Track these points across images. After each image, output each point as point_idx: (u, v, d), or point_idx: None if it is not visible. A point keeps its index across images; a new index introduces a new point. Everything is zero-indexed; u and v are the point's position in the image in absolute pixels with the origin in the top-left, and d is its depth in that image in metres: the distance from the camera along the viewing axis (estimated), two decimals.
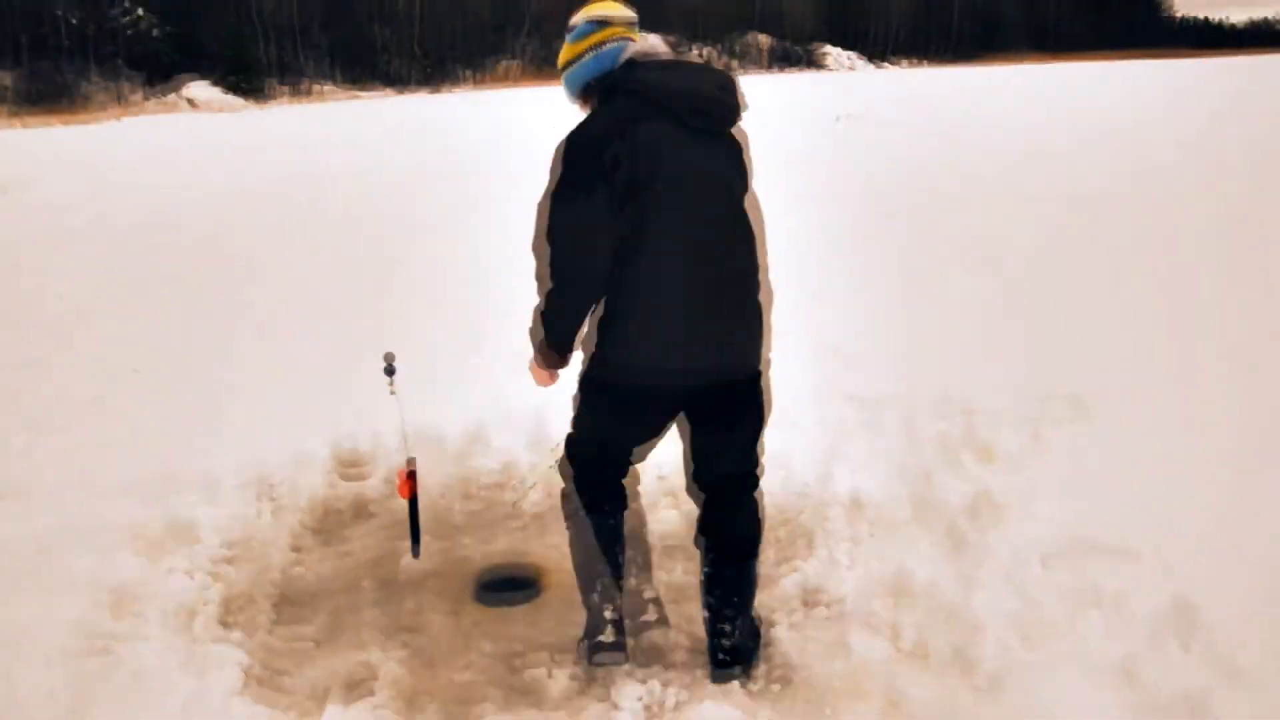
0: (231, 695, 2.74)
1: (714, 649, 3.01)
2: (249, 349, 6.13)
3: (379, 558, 3.82)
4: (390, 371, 3.63)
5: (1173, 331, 5.62)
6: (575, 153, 2.63)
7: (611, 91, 2.71)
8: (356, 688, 2.99)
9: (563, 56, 2.82)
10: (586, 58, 2.76)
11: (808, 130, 20.42)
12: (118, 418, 5.12)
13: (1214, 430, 4.31)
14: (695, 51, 60.67)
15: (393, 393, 3.65)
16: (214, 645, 3.06)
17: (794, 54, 62.76)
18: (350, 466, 4.47)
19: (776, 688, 2.94)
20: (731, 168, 2.77)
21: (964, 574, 3.35)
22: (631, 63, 2.72)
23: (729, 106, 2.73)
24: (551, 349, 2.87)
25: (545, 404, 4.82)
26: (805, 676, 2.96)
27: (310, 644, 3.25)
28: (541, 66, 52.87)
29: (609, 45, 2.74)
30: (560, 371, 3.02)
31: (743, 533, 3.05)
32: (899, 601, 3.27)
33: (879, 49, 67.81)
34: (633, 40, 2.77)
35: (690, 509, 3.95)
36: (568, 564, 3.66)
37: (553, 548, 3.86)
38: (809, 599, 3.37)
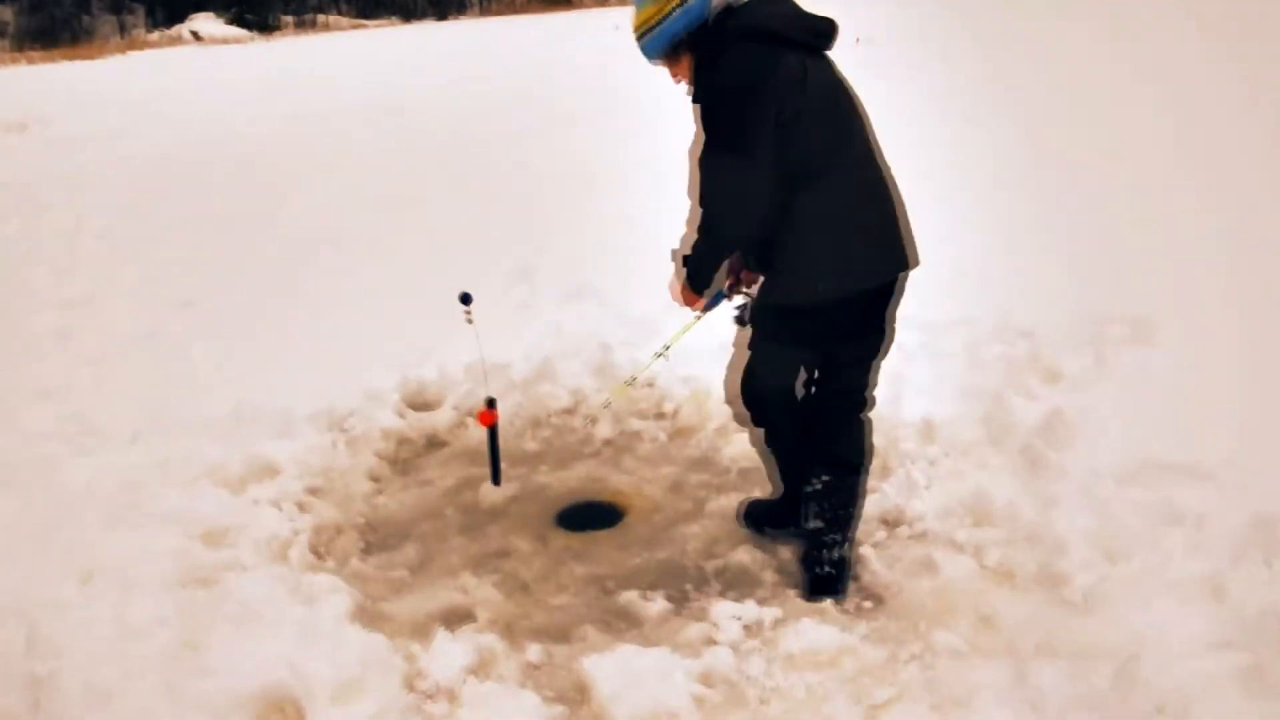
0: (342, 623, 2.81)
1: (812, 567, 3.08)
2: (297, 284, 6.17)
3: (458, 487, 3.89)
4: (466, 300, 3.65)
5: (1228, 249, 5.57)
6: (737, 103, 2.64)
7: (720, 37, 2.71)
8: (457, 615, 3.07)
9: (643, 16, 2.79)
10: (675, 13, 2.74)
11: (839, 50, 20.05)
12: (177, 353, 5.19)
13: (1275, 349, 4.31)
14: None
15: (470, 321, 3.68)
16: (314, 575, 3.14)
17: None
18: (418, 398, 4.52)
19: (869, 604, 3.01)
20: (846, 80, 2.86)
21: (1041, 493, 3.39)
22: (729, 7, 2.74)
23: (832, 24, 2.78)
24: (702, 285, 3.01)
25: (606, 333, 4.89)
26: (895, 594, 3.03)
27: (404, 572, 3.33)
28: None
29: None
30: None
31: (852, 453, 3.13)
32: (979, 521, 3.33)
33: None
34: None
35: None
36: (647, 489, 3.78)
37: (628, 474, 3.93)
38: (890, 519, 3.42)
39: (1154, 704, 2.46)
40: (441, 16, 45.44)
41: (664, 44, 2.80)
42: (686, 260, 2.95)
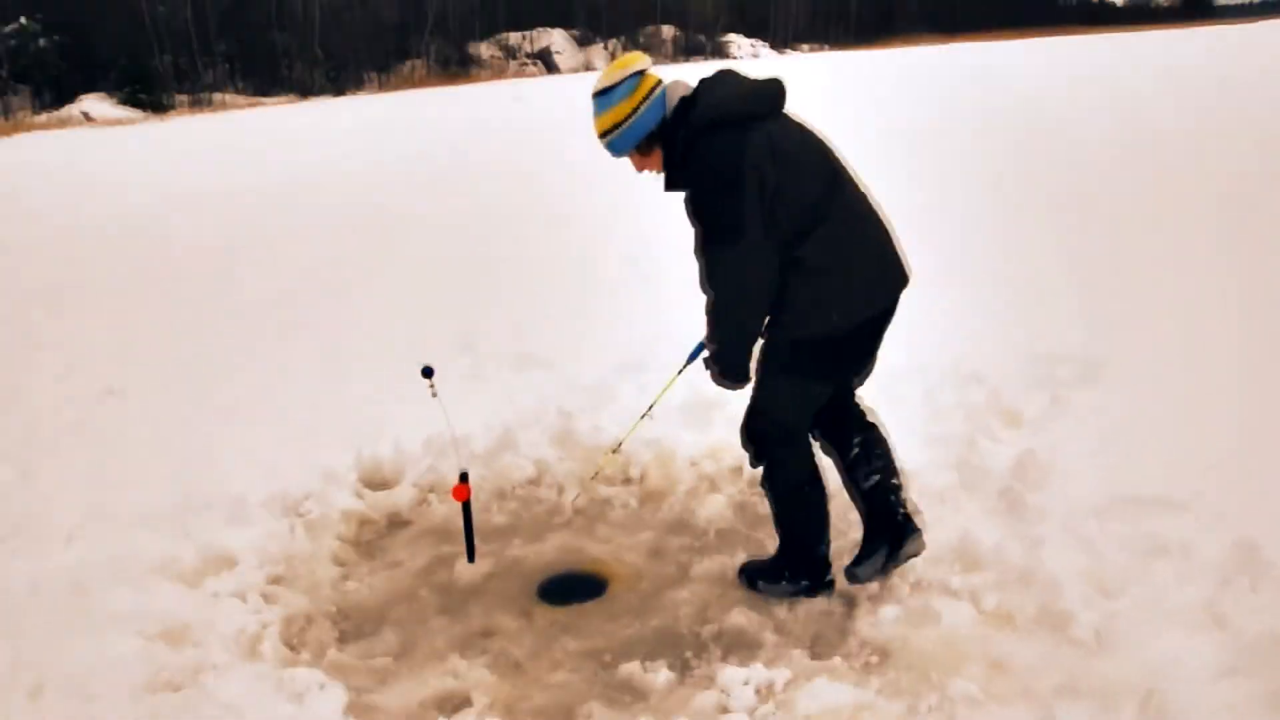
0: (338, 717, 2.63)
1: (892, 515, 3.14)
2: (231, 364, 5.92)
3: (429, 566, 3.73)
4: (429, 373, 3.55)
5: (1165, 292, 5.81)
6: (721, 196, 2.81)
7: (684, 130, 2.87)
8: (452, 701, 2.92)
9: (611, 118, 2.95)
10: (643, 109, 2.94)
11: None
12: (107, 443, 4.90)
13: (1219, 381, 4.48)
14: (602, 46, 60.58)
15: (434, 395, 3.57)
16: (293, 669, 2.94)
17: (698, 44, 63.10)
18: (374, 476, 4.35)
19: (875, 659, 2.96)
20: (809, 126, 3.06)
21: (1026, 535, 3.42)
22: (687, 99, 2.93)
23: (779, 86, 2.98)
24: (741, 375, 3.10)
25: (560, 400, 4.80)
26: (901, 646, 2.98)
27: (387, 660, 3.15)
28: (446, 65, 52.20)
29: (656, 92, 2.95)
30: None
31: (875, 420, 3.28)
32: (969, 567, 3.32)
33: (781, 36, 68.65)
34: (661, 80, 2.98)
35: (732, 493, 3.98)
36: (627, 557, 3.68)
37: (604, 542, 3.82)
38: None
39: None
40: (339, 92, 45.21)
41: (634, 140, 2.98)
42: (714, 355, 3.07)
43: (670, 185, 3.03)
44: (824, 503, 3.27)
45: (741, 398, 3.29)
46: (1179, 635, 2.82)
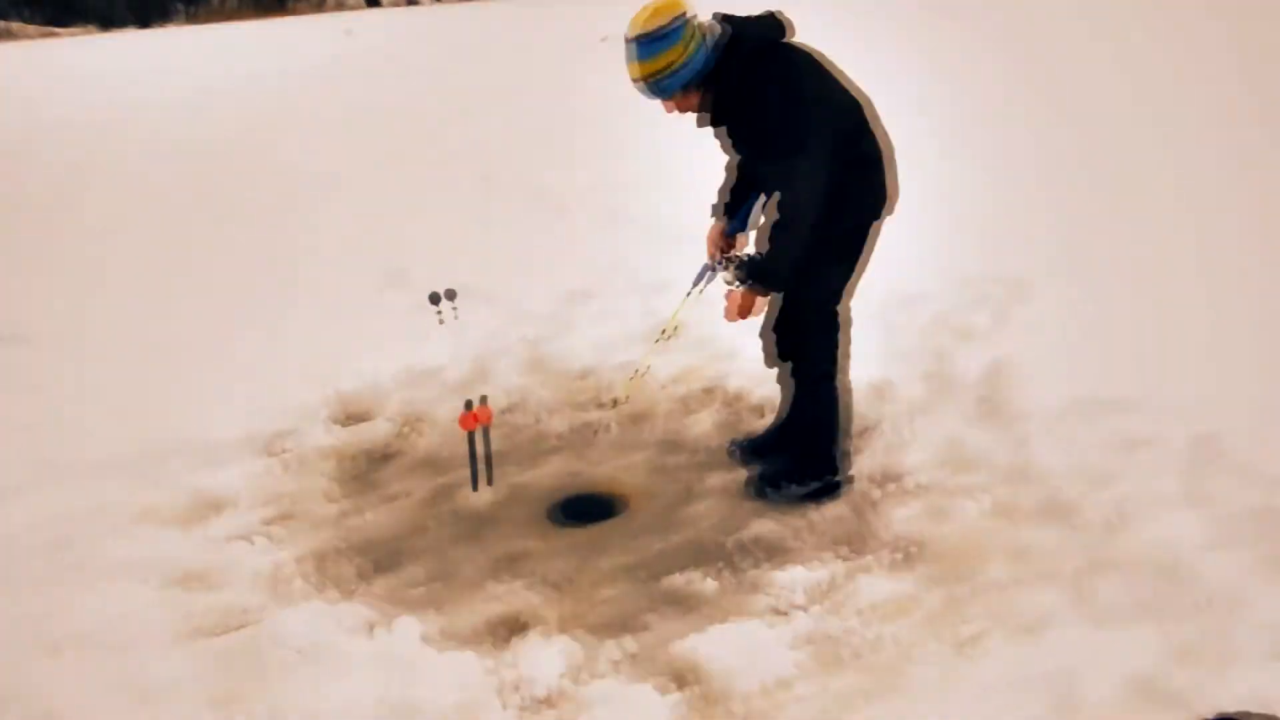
0: (422, 647, 2.59)
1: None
2: (169, 304, 5.55)
3: (429, 497, 3.67)
4: (436, 300, 3.46)
5: (1080, 211, 6.24)
6: (789, 112, 2.95)
7: (736, 65, 2.99)
8: (510, 623, 2.91)
9: (663, 60, 2.97)
10: (696, 51, 2.99)
11: (576, 50, 20.40)
12: (17, 392, 4.53)
13: (1139, 290, 4.89)
14: None
15: (441, 321, 3.49)
16: (349, 605, 2.86)
17: None
18: (343, 412, 4.21)
19: (901, 556, 3.13)
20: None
21: (1007, 436, 3.66)
22: (734, 36, 3.02)
23: (781, 15, 3.13)
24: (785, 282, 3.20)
25: (515, 330, 4.77)
26: (924, 543, 3.17)
27: (422, 590, 3.10)
28: None
29: (705, 35, 3.01)
30: None
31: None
32: (963, 468, 3.54)
33: None
34: (703, 22, 3.04)
35: (712, 414, 4.08)
36: (628, 477, 3.72)
37: (600, 465, 3.85)
38: (883, 476, 3.56)
39: (1203, 596, 2.72)
40: (144, 24, 41.99)
41: (684, 81, 3.02)
42: (754, 268, 3.14)
43: (718, 119, 3.13)
44: (838, 398, 3.45)
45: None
46: (1172, 516, 3.11)
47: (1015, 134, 9.05)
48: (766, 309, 3.41)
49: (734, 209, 3.44)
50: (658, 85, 3.02)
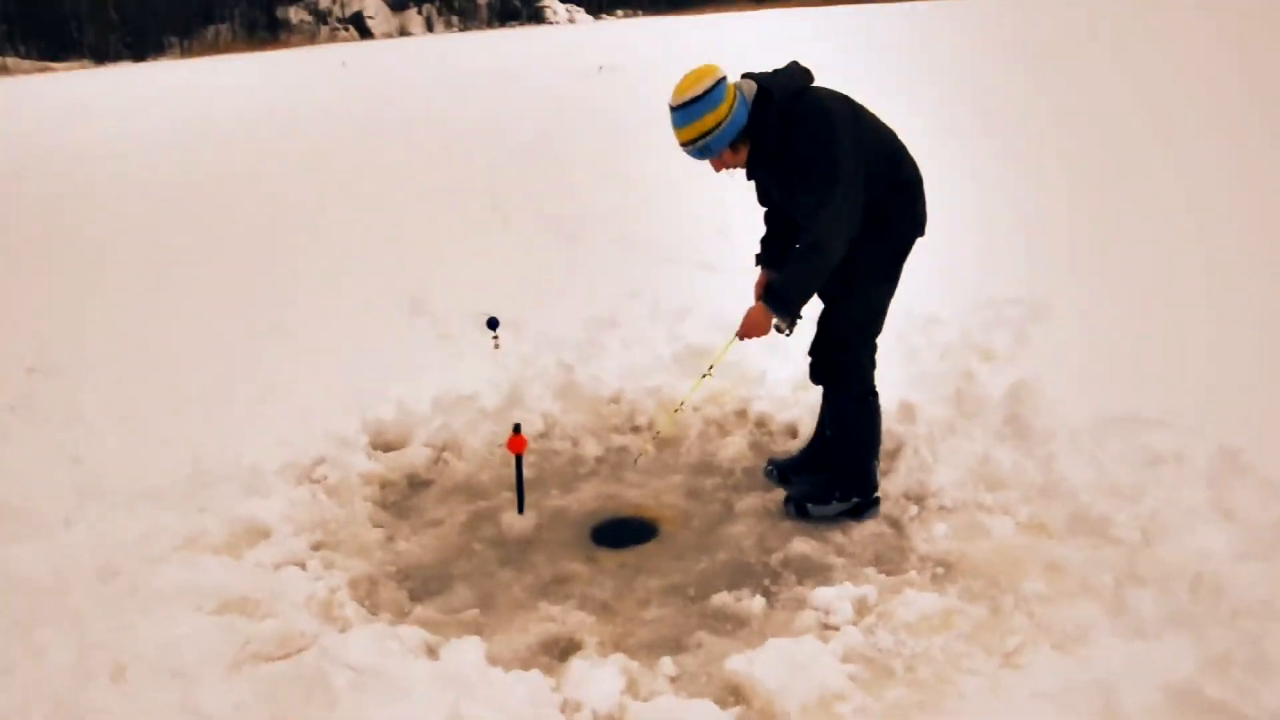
0: (486, 668, 2.65)
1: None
2: (200, 337, 5.62)
3: (471, 522, 3.74)
4: (494, 325, 3.55)
5: (1098, 234, 6.36)
6: (827, 152, 3.10)
7: (773, 115, 3.16)
8: (563, 644, 2.97)
9: (709, 122, 3.13)
10: (737, 109, 3.15)
11: (573, 79, 20.62)
12: (55, 422, 4.59)
13: (1155, 312, 4.99)
14: (416, 10, 58.85)
15: (497, 347, 3.57)
16: (406, 627, 2.93)
17: (514, 9, 62.42)
18: (380, 438, 4.28)
19: (941, 571, 3.21)
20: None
21: (1035, 454, 3.74)
22: (763, 91, 3.19)
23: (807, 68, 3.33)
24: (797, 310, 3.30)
25: (546, 356, 4.85)
26: (960, 558, 3.25)
27: (475, 612, 3.16)
28: (253, 30, 49.60)
29: (738, 94, 3.17)
30: None
31: None
32: (993, 486, 3.62)
33: (597, 1, 68.82)
34: (738, 82, 3.22)
35: (744, 435, 4.16)
36: (667, 499, 3.80)
37: (637, 487, 3.93)
38: (914, 495, 3.64)
39: (1232, 608, 2.80)
40: (139, 58, 42.21)
41: (729, 139, 3.18)
42: (777, 295, 3.24)
43: (756, 170, 3.33)
44: (880, 415, 3.56)
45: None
46: (1201, 529, 3.19)
47: (1030, 155, 9.20)
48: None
49: (776, 259, 3.55)
50: (706, 146, 3.17)
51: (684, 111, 3.13)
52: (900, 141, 3.34)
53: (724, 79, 3.15)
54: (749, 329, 3.35)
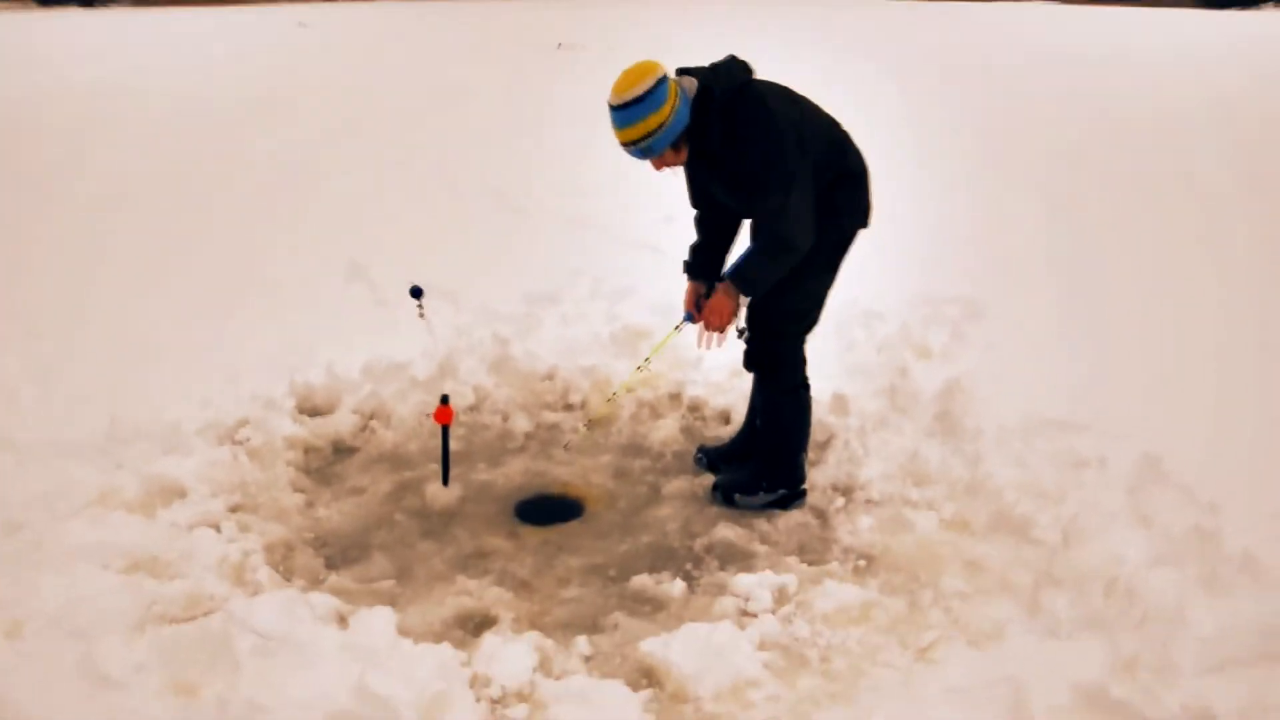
0: (397, 639, 2.60)
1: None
2: (117, 290, 5.45)
3: (394, 491, 3.67)
4: (418, 294, 3.47)
5: (1037, 236, 6.43)
6: (774, 150, 3.05)
7: (713, 115, 3.07)
8: (477, 618, 2.93)
9: (652, 122, 3.02)
10: (679, 108, 3.06)
11: (531, 54, 20.38)
12: (3, 371, 4.41)
13: (1089, 316, 5.06)
14: None
15: (422, 315, 3.50)
16: (317, 594, 2.86)
17: None
18: (308, 403, 4.19)
19: (864, 563, 3.22)
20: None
21: (963, 452, 3.77)
22: (703, 89, 3.10)
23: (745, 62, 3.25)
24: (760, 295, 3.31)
25: (482, 329, 4.79)
26: (884, 552, 3.26)
27: (390, 583, 3.11)
28: None
29: (682, 91, 3.08)
30: None
31: None
32: (920, 481, 3.64)
33: None
34: (679, 80, 3.13)
35: (676, 419, 4.14)
36: (595, 479, 3.76)
37: (565, 465, 3.89)
38: (841, 487, 3.65)
39: (1143, 612, 2.84)
40: (87, 3, 40.84)
41: (672, 139, 3.09)
42: (740, 280, 3.24)
43: (699, 170, 3.27)
44: (810, 408, 3.56)
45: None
46: (1119, 533, 3.23)
47: (970, 156, 9.28)
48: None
49: (708, 269, 3.52)
50: (648, 147, 3.07)
51: (625, 111, 3.02)
52: (844, 130, 3.31)
53: (665, 77, 3.04)
54: (716, 316, 3.32)
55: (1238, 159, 8.87)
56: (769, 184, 3.07)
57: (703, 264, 3.54)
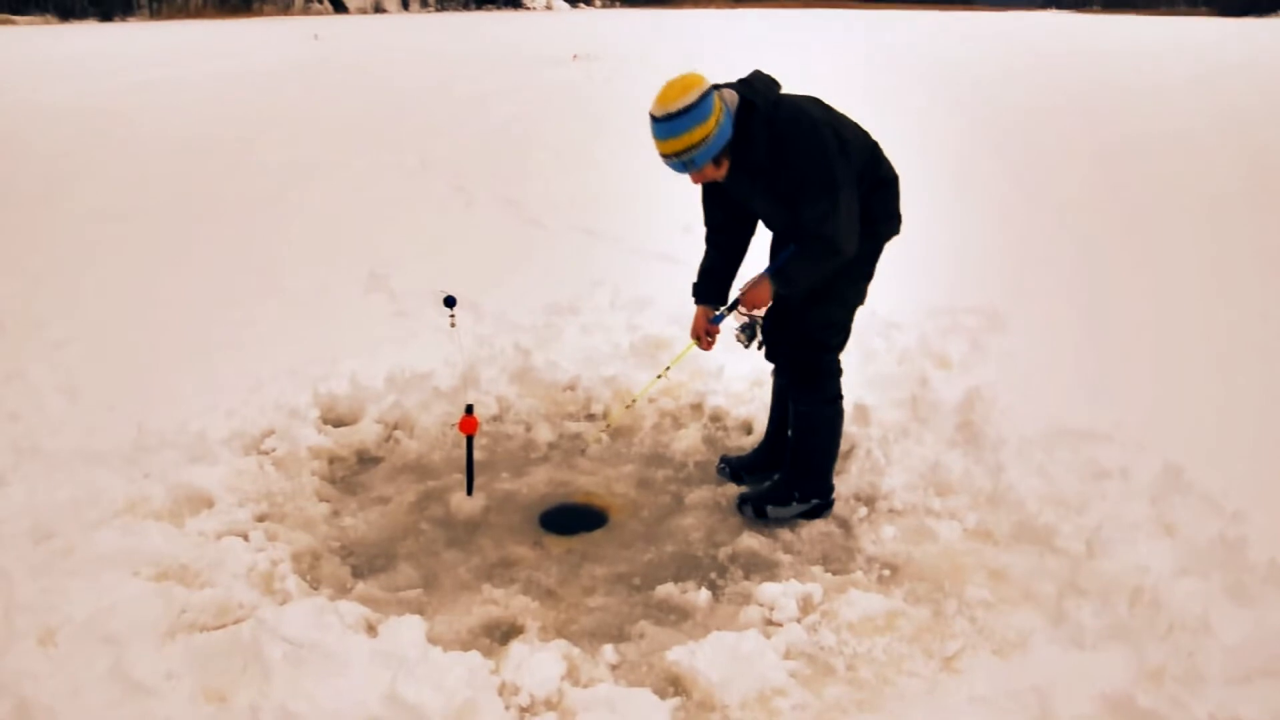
0: (428, 647, 2.61)
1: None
2: (153, 297, 5.51)
3: (419, 501, 3.69)
4: (451, 303, 3.50)
5: (1055, 248, 6.43)
6: (818, 156, 3.06)
7: (764, 121, 3.07)
8: (504, 627, 2.95)
9: (697, 135, 3.00)
10: (724, 122, 3.04)
11: (547, 66, 20.52)
12: (32, 379, 4.46)
13: (1108, 328, 5.07)
14: None
15: (453, 325, 3.53)
16: (346, 603, 2.88)
17: None
18: (331, 413, 4.22)
19: (887, 573, 3.22)
20: None
21: (986, 462, 3.77)
22: (747, 102, 3.09)
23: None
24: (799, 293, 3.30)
25: (526, 339, 4.82)
26: (907, 562, 3.27)
27: (417, 592, 3.13)
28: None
29: (725, 105, 3.06)
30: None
31: None
32: (943, 491, 3.65)
33: None
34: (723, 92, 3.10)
35: (698, 428, 4.16)
36: (618, 488, 3.78)
37: (589, 475, 3.91)
38: (864, 497, 3.66)
39: (1169, 622, 2.84)
40: (105, 18, 41.30)
41: (716, 152, 3.06)
42: (781, 278, 3.23)
43: (741, 183, 3.22)
44: (843, 419, 3.57)
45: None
46: (1142, 544, 3.23)
47: (991, 169, 9.30)
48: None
49: (718, 293, 3.51)
50: (691, 160, 3.04)
51: (670, 124, 2.98)
52: (874, 139, 3.33)
53: (711, 90, 3.02)
54: (755, 299, 3.30)
55: (1254, 168, 8.86)
56: (817, 191, 3.07)
57: (712, 287, 3.51)
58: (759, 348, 3.52)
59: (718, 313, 3.48)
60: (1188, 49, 20.44)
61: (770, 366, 3.71)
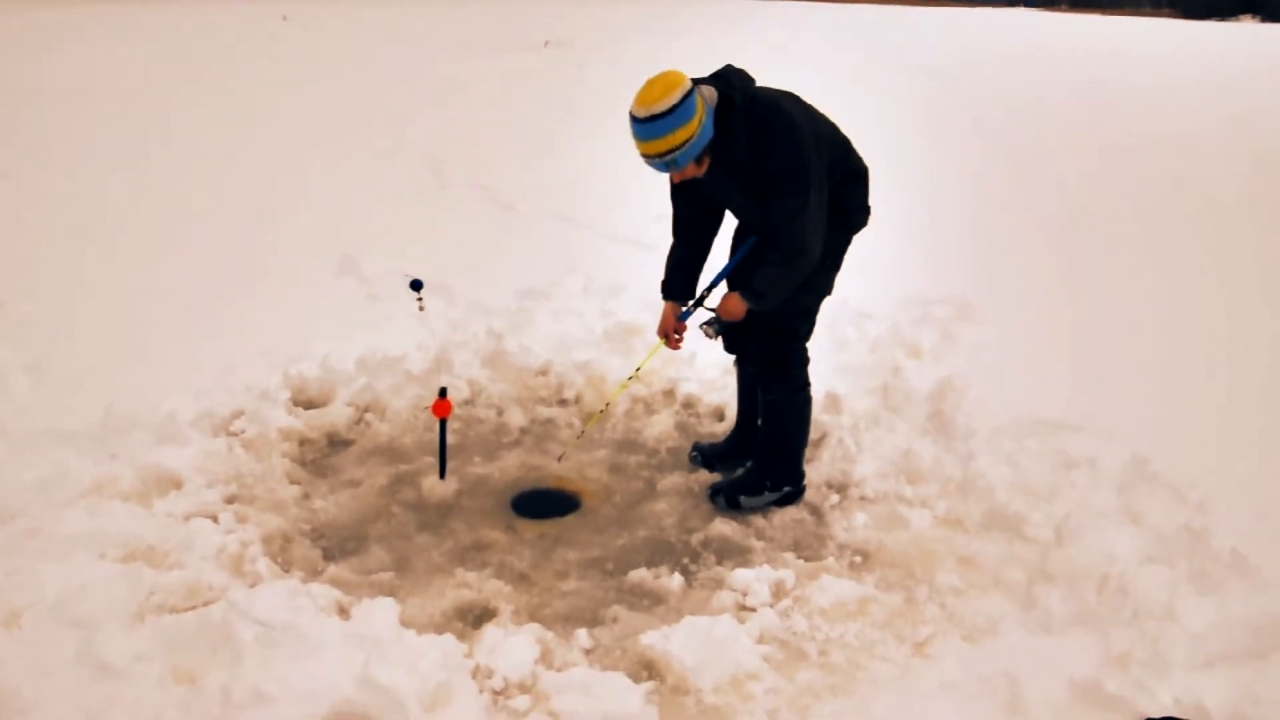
0: (401, 629, 2.60)
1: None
2: (124, 281, 5.42)
3: (391, 485, 3.67)
4: (417, 286, 3.47)
5: (1029, 240, 6.49)
6: (795, 155, 3.04)
7: (734, 124, 3.05)
8: (477, 610, 2.94)
9: (681, 135, 2.96)
10: (706, 121, 3.01)
11: (519, 52, 20.40)
12: (3, 363, 4.37)
13: (1077, 319, 5.12)
14: None
15: (421, 309, 3.50)
16: (317, 585, 2.86)
17: None
18: (302, 395, 4.18)
19: (859, 559, 3.25)
20: None
21: (956, 450, 3.81)
22: (725, 98, 3.06)
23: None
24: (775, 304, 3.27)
25: (476, 323, 4.79)
26: (879, 548, 3.29)
27: (389, 574, 3.11)
28: None
29: (706, 103, 3.03)
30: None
31: None
32: (914, 479, 3.67)
33: None
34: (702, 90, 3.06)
35: (670, 415, 4.16)
36: (590, 473, 3.77)
37: (556, 459, 3.89)
38: (836, 484, 3.68)
39: (1134, 609, 2.88)
40: None
41: (698, 151, 3.04)
42: (751, 285, 3.19)
43: (719, 180, 3.19)
44: (812, 407, 3.59)
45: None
46: (1110, 532, 3.28)
47: (961, 160, 9.36)
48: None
49: (686, 289, 3.49)
50: (675, 158, 3.00)
51: (653, 125, 2.93)
52: (844, 134, 3.33)
53: (694, 90, 2.97)
54: (730, 311, 3.28)
55: (1228, 163, 8.99)
56: (790, 188, 3.05)
57: (681, 283, 3.49)
58: (720, 339, 3.51)
59: (685, 308, 3.48)
60: (1159, 47, 20.75)
61: (732, 358, 3.74)
